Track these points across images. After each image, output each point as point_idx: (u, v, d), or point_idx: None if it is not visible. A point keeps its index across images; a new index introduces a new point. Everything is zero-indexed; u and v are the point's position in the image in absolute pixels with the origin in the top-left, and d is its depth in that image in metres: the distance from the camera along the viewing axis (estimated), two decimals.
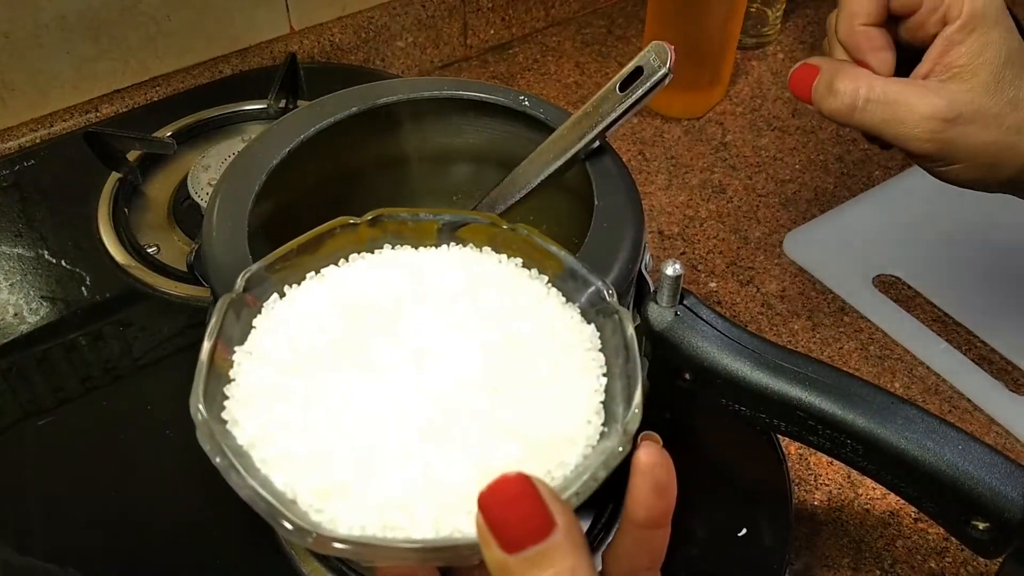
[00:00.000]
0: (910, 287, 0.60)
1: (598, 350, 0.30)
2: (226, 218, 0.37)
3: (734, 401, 0.37)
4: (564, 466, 0.26)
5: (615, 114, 0.38)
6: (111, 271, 0.56)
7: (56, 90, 0.66)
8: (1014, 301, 0.59)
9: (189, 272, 0.49)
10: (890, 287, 0.60)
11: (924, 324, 0.57)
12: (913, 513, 0.48)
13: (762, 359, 0.35)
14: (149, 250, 0.58)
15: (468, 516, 0.24)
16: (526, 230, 0.33)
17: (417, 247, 0.33)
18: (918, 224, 0.64)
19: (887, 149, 0.43)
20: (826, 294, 0.60)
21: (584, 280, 0.31)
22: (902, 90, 0.40)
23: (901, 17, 0.41)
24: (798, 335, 0.58)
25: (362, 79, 0.45)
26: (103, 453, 0.48)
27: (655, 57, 0.37)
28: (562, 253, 0.32)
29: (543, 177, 0.41)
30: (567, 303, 0.32)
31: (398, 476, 0.25)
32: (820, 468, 0.50)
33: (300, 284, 0.32)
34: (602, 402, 0.28)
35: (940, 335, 0.57)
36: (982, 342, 0.57)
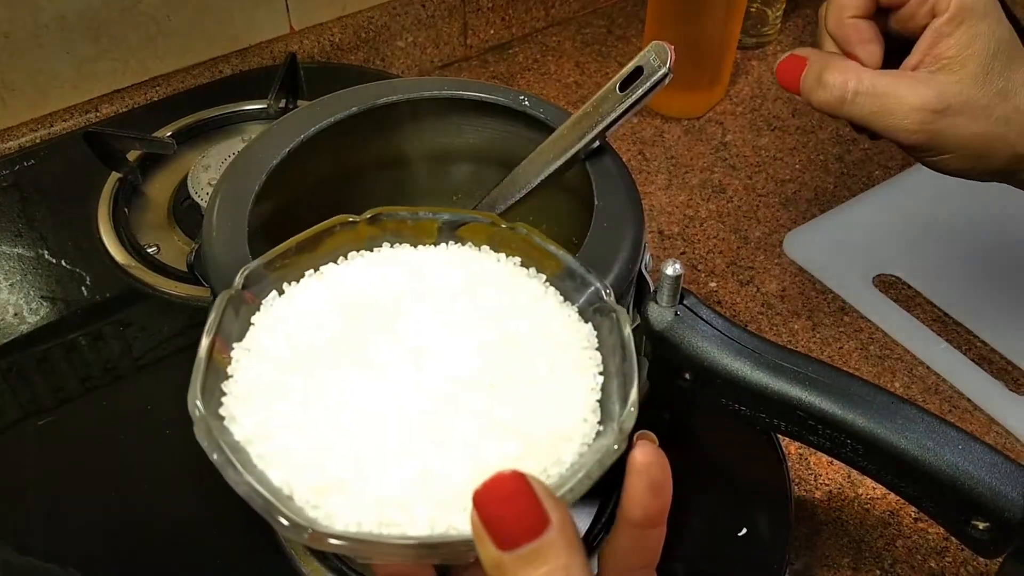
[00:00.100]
0: (910, 287, 0.60)
1: (595, 349, 0.30)
2: (226, 218, 0.37)
3: (734, 401, 0.37)
4: (560, 464, 0.26)
5: (615, 114, 0.38)
6: (111, 271, 0.56)
7: (56, 90, 0.66)
8: (1014, 301, 0.59)
9: (189, 272, 0.49)
10: (890, 287, 0.60)
11: (924, 324, 0.57)
12: (913, 513, 0.48)
13: (762, 359, 0.36)
14: (149, 250, 0.58)
15: (464, 513, 0.24)
16: (525, 229, 0.33)
17: (416, 246, 0.34)
18: (918, 224, 0.64)
19: (876, 139, 0.43)
20: (826, 294, 0.60)
21: (582, 279, 0.31)
22: (891, 82, 0.40)
23: (891, 9, 0.41)
24: (798, 335, 0.58)
25: (362, 79, 0.45)
26: (103, 453, 0.48)
27: (655, 57, 0.37)
28: (560, 252, 0.32)
29: (543, 177, 0.41)
30: (565, 302, 0.32)
31: (396, 474, 0.25)
32: (820, 468, 0.50)
33: (299, 282, 0.32)
34: (598, 400, 0.28)
35: (940, 335, 0.57)
36: (982, 342, 0.57)
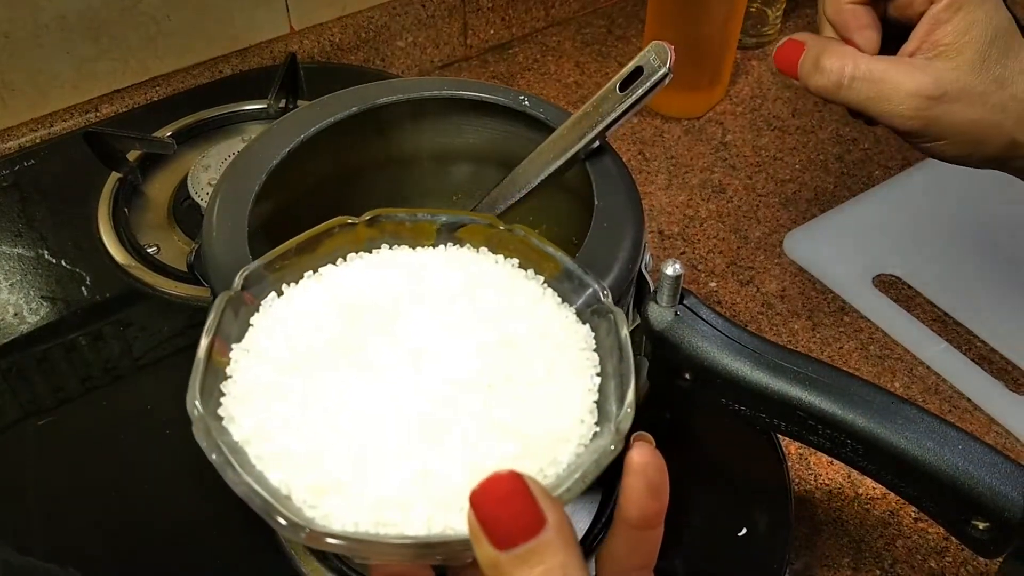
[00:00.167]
0: (910, 287, 0.60)
1: (592, 350, 0.30)
2: (226, 218, 0.37)
3: (734, 401, 0.37)
4: (557, 464, 0.26)
5: (615, 114, 0.38)
6: (111, 271, 0.56)
7: (56, 90, 0.66)
8: (1014, 301, 0.59)
9: (189, 272, 0.49)
10: (890, 287, 0.60)
11: (924, 324, 0.57)
12: (913, 513, 0.48)
13: (762, 359, 0.36)
14: (149, 250, 0.58)
15: (461, 513, 0.24)
16: (523, 231, 0.33)
17: (415, 247, 0.34)
18: (918, 224, 0.64)
19: (873, 125, 0.43)
20: (826, 294, 0.60)
21: (580, 281, 0.31)
22: (888, 68, 0.40)
23: None
24: (798, 335, 0.58)
25: (362, 79, 0.45)
26: (103, 453, 0.48)
27: (655, 57, 0.37)
28: (558, 254, 0.32)
29: (543, 177, 0.41)
30: (563, 303, 0.32)
31: (394, 474, 0.25)
32: (820, 468, 0.50)
33: (298, 283, 0.32)
34: (596, 401, 0.28)
35: (940, 335, 0.57)
36: (982, 342, 0.56)
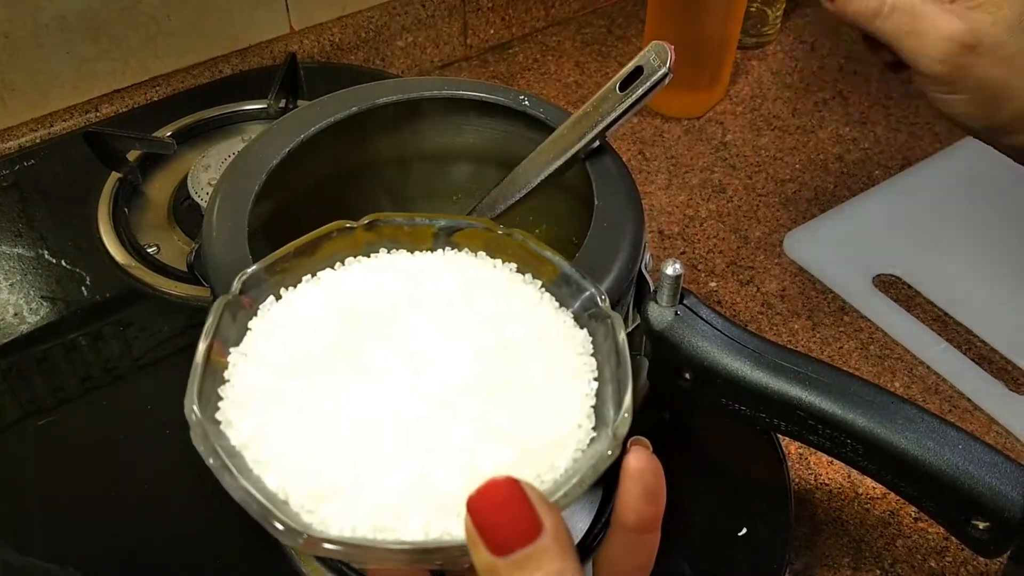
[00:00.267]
0: (910, 287, 0.60)
1: (590, 355, 0.30)
2: (226, 218, 0.37)
3: (734, 401, 0.37)
4: (554, 469, 0.26)
5: (615, 114, 0.38)
6: (111, 271, 0.56)
7: (56, 90, 0.66)
8: (1014, 301, 0.59)
9: (189, 272, 0.49)
10: (890, 287, 0.60)
11: (924, 324, 0.57)
12: (913, 513, 0.48)
13: (762, 359, 0.35)
14: (149, 250, 0.58)
15: (458, 519, 0.24)
16: (521, 235, 0.33)
17: (413, 251, 0.33)
18: (918, 224, 0.64)
19: (895, 71, 0.43)
20: (826, 294, 0.60)
21: (577, 285, 0.31)
22: (928, 7, 0.40)
23: None
24: (798, 335, 0.58)
25: (362, 79, 0.45)
26: (103, 453, 0.48)
27: (655, 57, 0.37)
28: (556, 258, 0.32)
29: (543, 177, 0.41)
30: (560, 308, 0.32)
31: (392, 479, 0.25)
32: (820, 468, 0.50)
33: (296, 287, 0.32)
34: (593, 406, 0.28)
35: (940, 335, 0.57)
36: (982, 342, 0.56)
